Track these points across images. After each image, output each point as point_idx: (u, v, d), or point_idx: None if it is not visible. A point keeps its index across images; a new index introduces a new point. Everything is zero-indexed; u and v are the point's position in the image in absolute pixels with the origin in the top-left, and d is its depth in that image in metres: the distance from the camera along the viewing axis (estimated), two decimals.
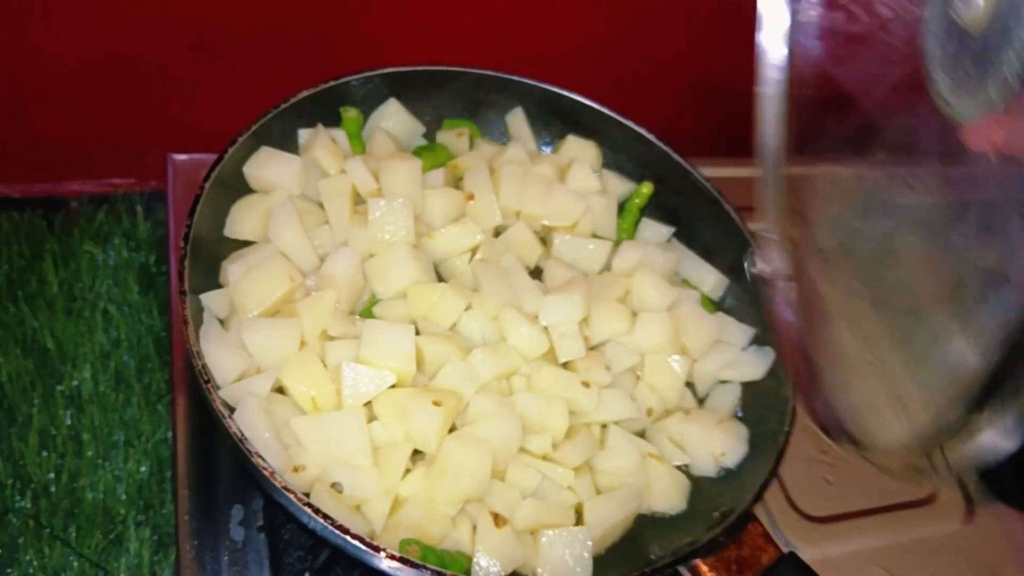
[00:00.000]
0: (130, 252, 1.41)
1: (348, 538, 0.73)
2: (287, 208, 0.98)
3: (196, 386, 1.02)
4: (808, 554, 1.05)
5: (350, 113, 1.13)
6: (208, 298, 0.93)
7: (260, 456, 0.76)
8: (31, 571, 1.11)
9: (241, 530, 0.94)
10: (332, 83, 1.11)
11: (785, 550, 0.85)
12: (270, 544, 0.93)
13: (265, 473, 0.75)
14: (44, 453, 1.20)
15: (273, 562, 0.91)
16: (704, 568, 0.82)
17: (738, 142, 1.53)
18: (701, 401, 1.08)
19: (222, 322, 0.93)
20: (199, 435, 1.01)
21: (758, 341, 1.08)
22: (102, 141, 1.48)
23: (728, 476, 0.98)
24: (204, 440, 1.00)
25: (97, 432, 1.23)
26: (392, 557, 0.73)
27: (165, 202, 1.27)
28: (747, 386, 1.06)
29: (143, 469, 1.21)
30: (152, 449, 1.23)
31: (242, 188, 1.05)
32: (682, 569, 0.83)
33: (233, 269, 0.95)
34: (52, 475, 1.18)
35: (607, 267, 1.14)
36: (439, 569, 0.73)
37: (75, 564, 1.13)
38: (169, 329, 1.21)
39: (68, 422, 1.23)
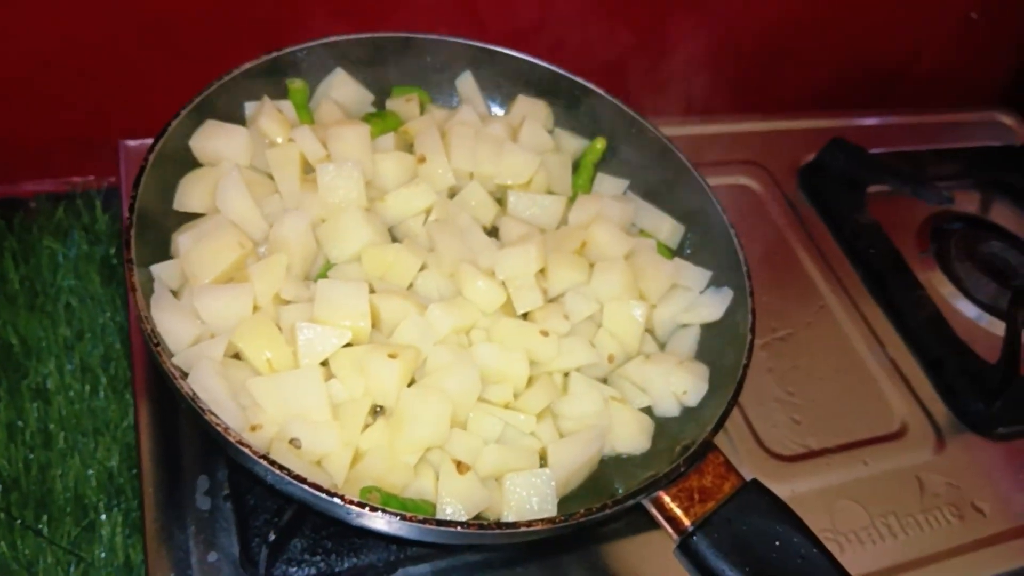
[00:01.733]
0: (90, 245, 1.40)
1: (306, 487, 0.72)
2: (234, 177, 0.98)
3: (157, 365, 1.02)
4: (779, 492, 1.05)
5: (296, 84, 1.13)
6: (159, 269, 0.92)
7: (212, 413, 0.75)
8: (5, 562, 1.10)
9: (207, 500, 0.94)
10: (275, 54, 1.11)
11: (748, 478, 0.85)
12: (236, 511, 0.92)
13: (219, 429, 0.75)
14: (13, 447, 1.19)
15: (240, 528, 0.91)
16: (666, 499, 0.82)
17: (692, 101, 1.55)
18: (662, 346, 1.08)
19: (175, 293, 0.93)
20: (162, 410, 1.00)
21: (715, 283, 1.08)
22: (57, 139, 1.47)
23: (691, 413, 0.99)
24: (167, 414, 1.00)
25: (65, 423, 1.22)
26: (351, 503, 0.72)
27: (120, 190, 1.26)
28: (706, 327, 1.06)
29: (113, 456, 1.20)
30: (121, 436, 1.22)
31: (191, 163, 1.05)
32: (646, 503, 0.83)
33: (183, 240, 0.94)
34: (22, 467, 1.17)
35: (564, 222, 1.14)
36: (398, 511, 0.73)
37: (49, 553, 1.12)
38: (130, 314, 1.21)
39: (36, 415, 1.22)
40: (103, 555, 1.13)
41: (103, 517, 1.15)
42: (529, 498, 0.84)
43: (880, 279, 1.40)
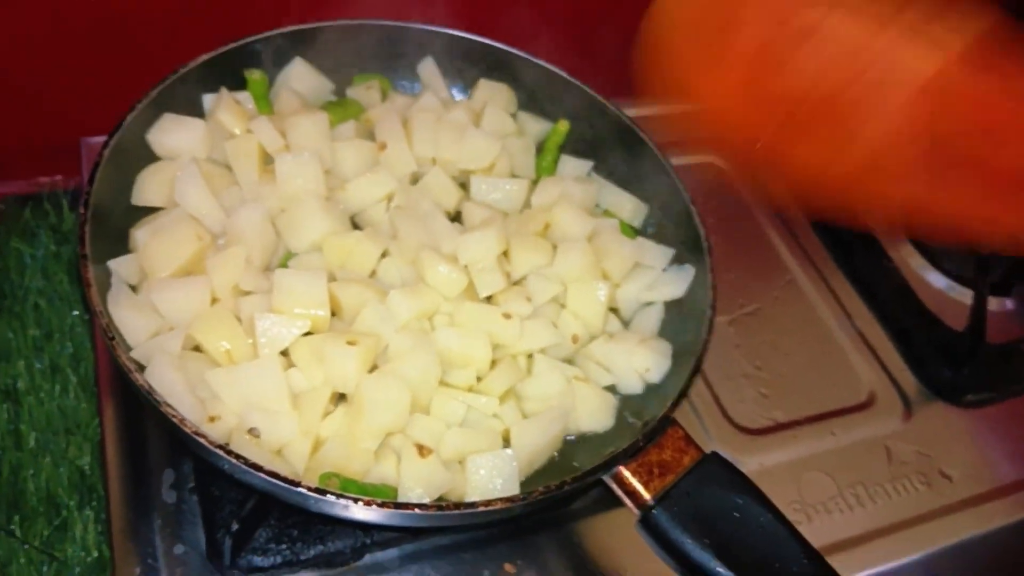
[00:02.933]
0: (57, 245, 1.39)
1: (263, 475, 0.73)
2: (191, 169, 0.97)
3: (114, 358, 1.02)
4: (747, 466, 1.08)
5: (255, 75, 1.12)
6: (117, 264, 0.92)
7: (169, 405, 0.75)
8: None
9: (173, 493, 0.94)
10: (232, 45, 1.10)
11: (708, 451, 0.85)
12: (202, 503, 0.92)
13: (175, 420, 0.75)
14: None
15: (206, 520, 0.91)
16: (626, 474, 0.82)
17: (659, 80, 1.54)
18: (627, 324, 1.08)
19: (134, 288, 0.92)
20: (127, 406, 1.00)
21: (678, 260, 1.08)
22: (21, 141, 1.46)
23: (654, 390, 0.99)
24: (132, 410, 1.00)
25: (36, 423, 1.22)
26: (308, 488, 0.73)
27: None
28: (670, 304, 1.07)
29: (84, 455, 1.20)
30: (92, 435, 1.21)
31: (151, 158, 1.04)
32: (607, 478, 0.83)
33: (141, 234, 0.94)
34: None
35: (527, 205, 1.14)
36: (355, 495, 0.73)
37: (22, 554, 1.12)
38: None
39: (6, 416, 1.22)
40: (76, 553, 1.13)
41: (75, 516, 1.15)
42: (492, 479, 0.85)
43: (848, 251, 1.40)
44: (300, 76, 1.16)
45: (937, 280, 1.43)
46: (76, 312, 1.33)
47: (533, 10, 1.48)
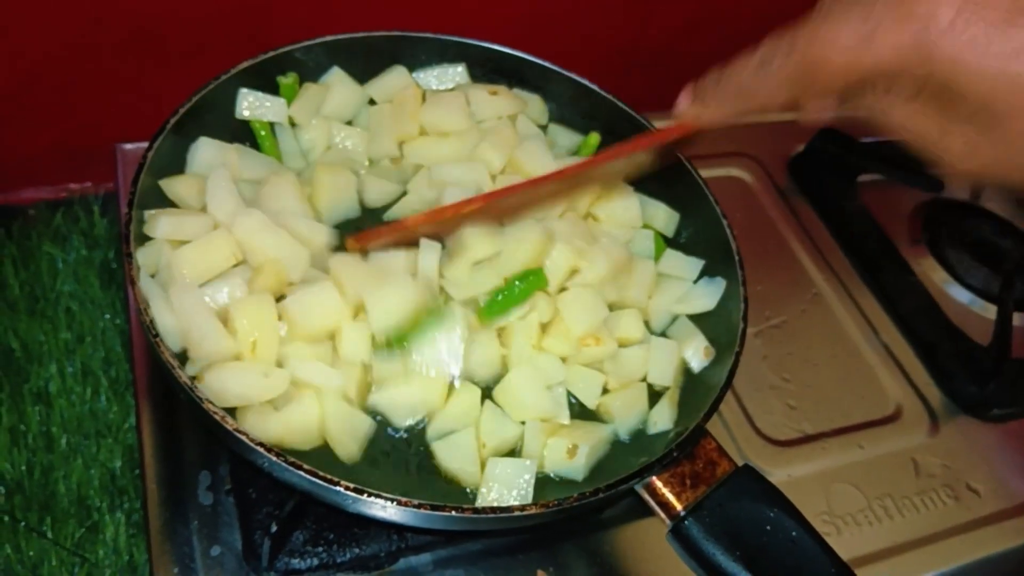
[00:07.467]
0: (89, 250, 1.41)
1: (302, 473, 0.73)
2: (222, 175, 0.98)
3: (156, 356, 1.03)
4: (776, 477, 1.08)
5: (287, 80, 1.13)
6: (143, 254, 0.90)
7: (210, 402, 0.76)
8: (10, 565, 1.11)
9: (210, 495, 0.95)
10: (271, 53, 1.12)
11: (740, 463, 0.86)
12: (239, 505, 0.93)
13: (216, 418, 0.75)
14: (16, 451, 1.20)
15: (243, 522, 0.92)
16: (659, 484, 0.83)
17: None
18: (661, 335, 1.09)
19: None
20: (163, 408, 1.01)
21: (708, 273, 1.09)
22: (52, 148, 1.48)
23: (686, 400, 1.00)
24: (168, 412, 1.01)
25: (67, 426, 1.23)
26: (347, 488, 0.73)
27: (118, 194, 1.27)
28: (701, 317, 1.07)
29: (115, 458, 1.21)
30: (123, 438, 1.23)
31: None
32: (639, 488, 0.84)
33: (164, 223, 0.91)
34: (25, 470, 1.18)
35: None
36: (392, 496, 0.74)
37: (53, 555, 1.13)
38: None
39: (38, 418, 1.23)
40: (107, 556, 1.14)
41: (106, 518, 1.16)
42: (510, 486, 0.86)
43: (872, 266, 1.41)
44: (337, 85, 1.17)
45: (960, 294, 1.44)
46: (108, 316, 1.34)
47: (565, 23, 1.50)
